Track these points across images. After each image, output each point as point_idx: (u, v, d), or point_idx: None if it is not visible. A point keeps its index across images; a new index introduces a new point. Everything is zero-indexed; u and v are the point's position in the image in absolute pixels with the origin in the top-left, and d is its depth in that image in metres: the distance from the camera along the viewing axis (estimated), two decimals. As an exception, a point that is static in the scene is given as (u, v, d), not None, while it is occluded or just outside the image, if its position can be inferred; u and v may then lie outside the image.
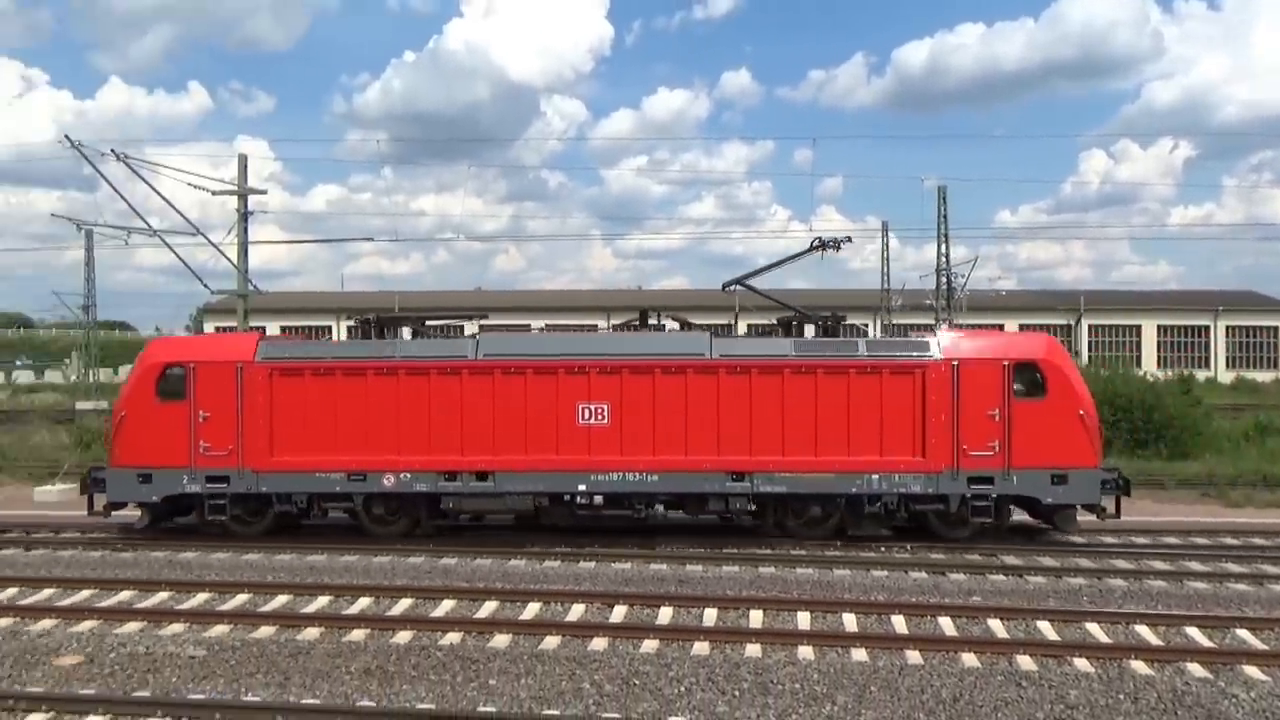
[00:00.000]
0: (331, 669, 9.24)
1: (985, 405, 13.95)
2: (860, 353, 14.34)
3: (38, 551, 14.69)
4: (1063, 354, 14.47)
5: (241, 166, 23.52)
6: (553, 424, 14.34)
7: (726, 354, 14.47)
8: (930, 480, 14.07)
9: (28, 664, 9.48)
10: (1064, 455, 13.92)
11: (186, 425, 14.61)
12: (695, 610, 11.23)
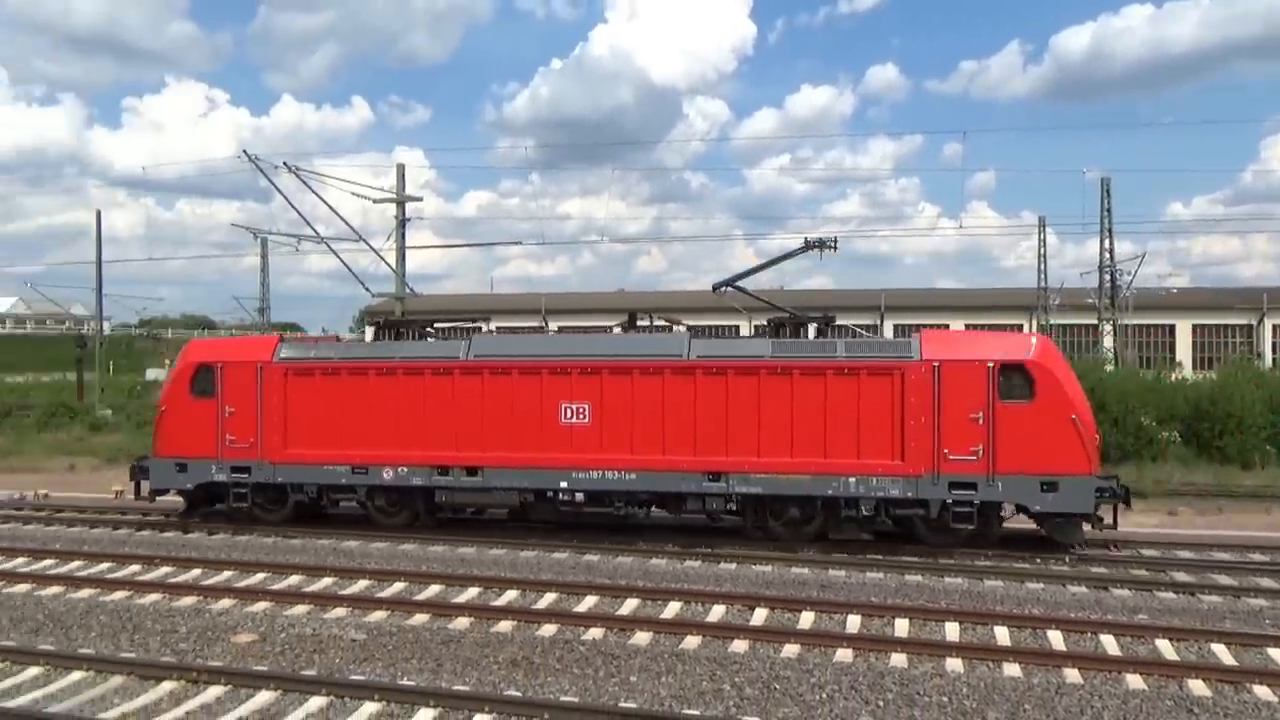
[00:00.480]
0: (480, 658, 9.59)
1: (968, 408, 13.44)
2: (838, 354, 14.12)
3: (219, 536, 15.88)
4: (1054, 356, 13.83)
5: (400, 175, 24.72)
6: (537, 422, 14.72)
7: (704, 355, 14.55)
8: (910, 484, 13.64)
9: (209, 640, 10.28)
10: (1054, 461, 13.26)
11: (215, 420, 15.82)
12: (838, 616, 11.02)
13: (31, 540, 15.61)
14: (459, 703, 8.16)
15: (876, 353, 14.15)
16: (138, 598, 11.95)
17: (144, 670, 9.08)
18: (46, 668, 9.26)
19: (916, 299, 61.46)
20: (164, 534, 16.05)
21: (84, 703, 8.38)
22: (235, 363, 16.01)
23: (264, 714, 8.17)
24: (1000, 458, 13.37)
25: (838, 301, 63.73)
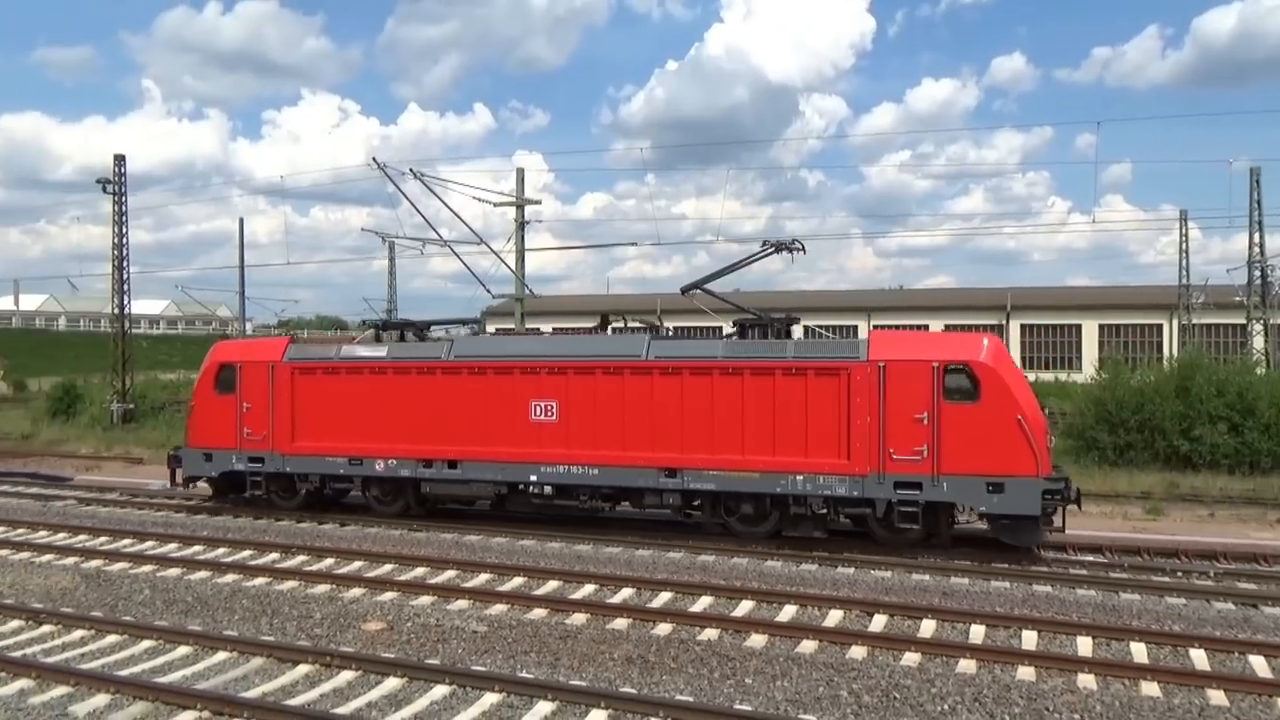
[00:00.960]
0: (596, 654, 9.72)
1: (912, 408, 13.44)
2: (786, 354, 14.36)
3: (350, 528, 16.60)
4: (1000, 356, 13.69)
5: (519, 179, 25.29)
6: (510, 419, 15.52)
7: (661, 355, 15.02)
8: (855, 483, 13.76)
9: (341, 626, 10.77)
10: (1000, 462, 13.11)
11: (235, 414, 17.33)
12: (961, 625, 10.69)
13: (182, 528, 16.69)
14: (576, 698, 8.30)
15: (823, 353, 14.44)
16: (276, 584, 12.63)
17: (282, 653, 9.58)
18: (195, 647, 9.89)
19: (1045, 298, 58.95)
20: (300, 524, 16.89)
21: (227, 681, 8.91)
22: (251, 362, 17.48)
23: (391, 700, 8.50)
24: (945, 458, 13.33)
25: (960, 300, 61.87)
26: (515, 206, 25.19)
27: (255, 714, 7.99)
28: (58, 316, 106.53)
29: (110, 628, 10.53)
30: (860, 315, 62.03)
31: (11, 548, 15.01)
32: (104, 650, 9.93)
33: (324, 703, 8.38)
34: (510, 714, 8.15)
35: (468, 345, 16.77)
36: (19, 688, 8.73)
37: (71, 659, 9.57)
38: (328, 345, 18.45)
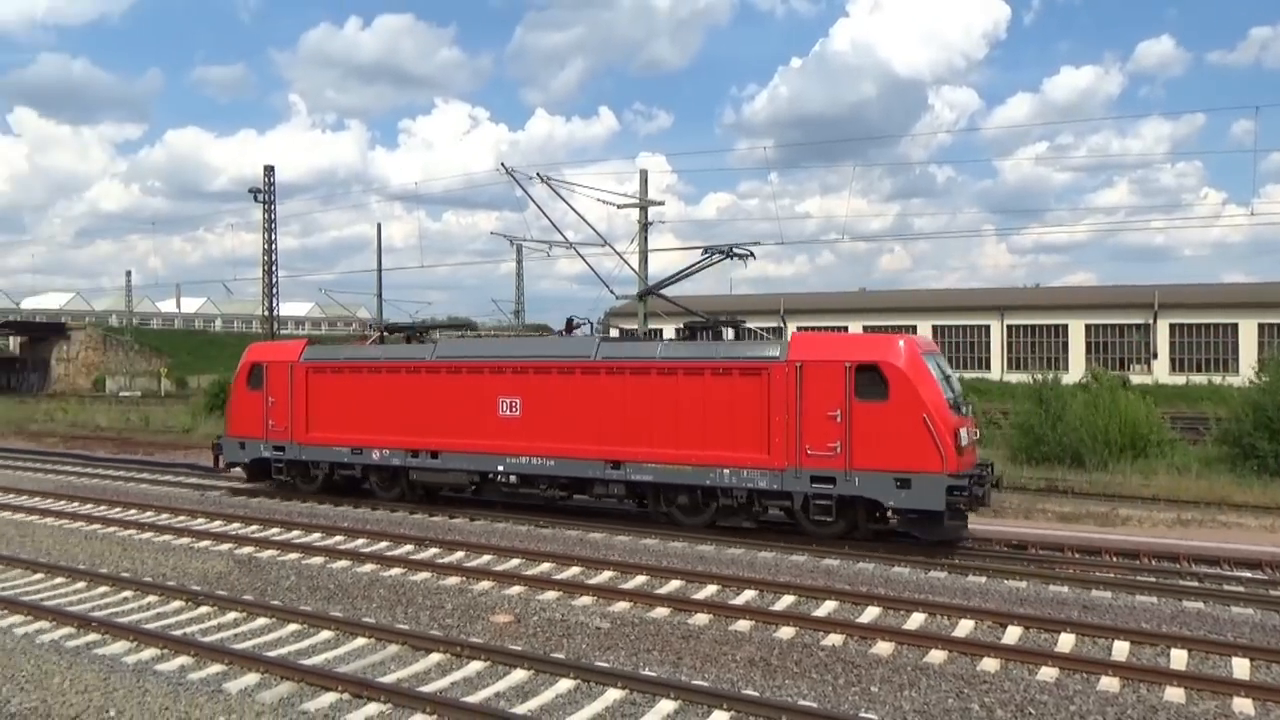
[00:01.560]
0: (719, 654, 9.72)
1: (826, 406, 14.07)
2: (715, 354, 15.34)
3: (479, 523, 17.12)
4: (910, 357, 13.92)
5: (642, 181, 25.49)
6: (481, 414, 17.01)
7: (608, 356, 16.21)
8: (775, 477, 14.52)
9: (470, 617, 11.12)
10: (907, 459, 13.58)
11: (262, 407, 19.51)
12: (1102, 641, 10.17)
13: (325, 519, 17.57)
14: (698, 698, 8.31)
15: (747, 354, 15.18)
16: (410, 575, 13.14)
17: (415, 641, 9.97)
18: (336, 632, 10.41)
19: (1197, 295, 55.34)
20: (433, 518, 17.52)
21: (365, 666, 9.33)
22: (275, 362, 19.67)
23: (518, 691, 8.72)
24: (856, 454, 13.88)
25: (1102, 299, 58.77)
26: (638, 208, 25.41)
27: (391, 699, 8.35)
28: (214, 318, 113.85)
29: (260, 611, 11.20)
30: (993, 314, 59.77)
31: (173, 533, 16.16)
32: (254, 632, 10.57)
33: (454, 691, 8.67)
34: (633, 711, 8.23)
35: (447, 347, 18.52)
36: (179, 664, 9.39)
37: (225, 639, 10.22)
38: (336, 347, 21.33)
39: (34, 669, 9.23)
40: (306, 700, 8.42)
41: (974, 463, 14.51)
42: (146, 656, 9.63)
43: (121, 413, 43.94)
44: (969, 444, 14.20)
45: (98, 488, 21.74)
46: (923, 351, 14.36)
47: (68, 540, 15.78)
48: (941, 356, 15.57)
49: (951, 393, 14.41)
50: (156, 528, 16.61)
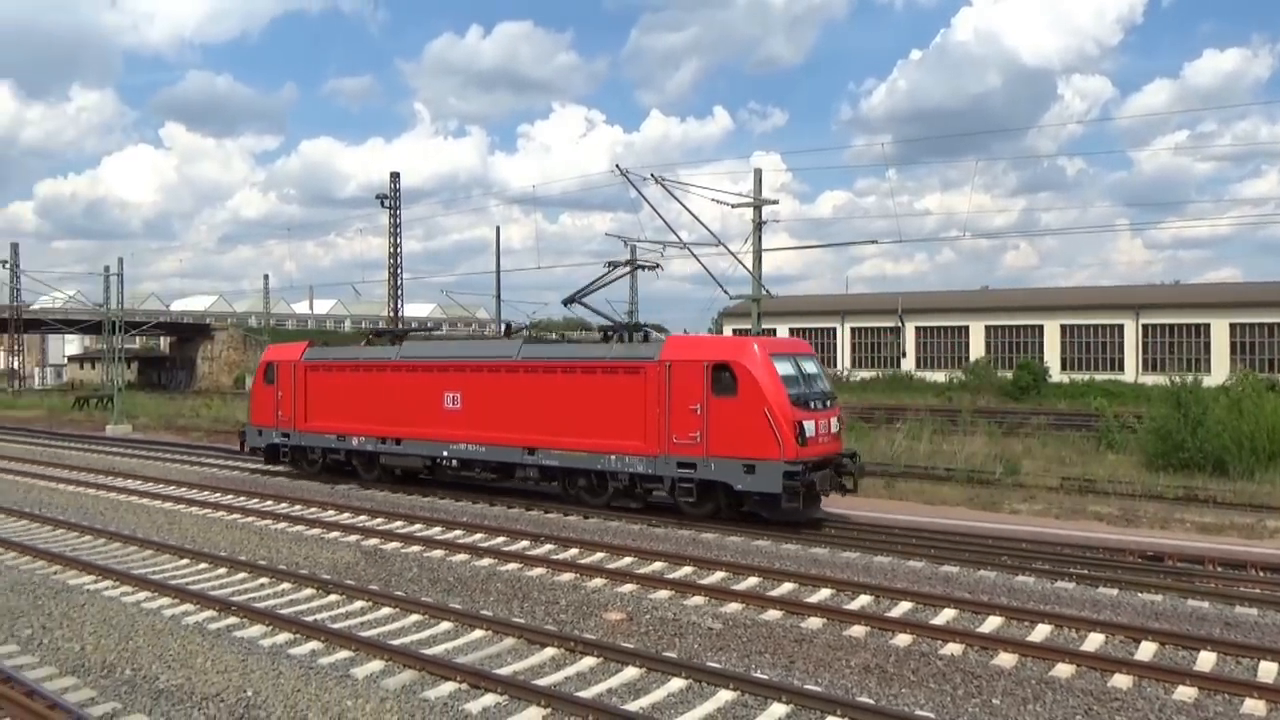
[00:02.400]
0: (832, 659, 9.57)
1: (689, 400, 15.94)
2: (606, 355, 17.42)
3: (593, 520, 17.35)
4: (756, 357, 15.56)
5: (756, 180, 25.29)
6: (431, 407, 19.62)
7: (527, 356, 18.54)
8: (650, 463, 16.53)
9: (584, 614, 11.28)
10: (753, 448, 15.28)
11: (274, 400, 22.75)
12: (1247, 661, 9.54)
13: (445, 513, 18.14)
14: (811, 703, 8.21)
15: (629, 354, 17.14)
16: (526, 570, 13.43)
17: (531, 635, 10.19)
18: (455, 624, 10.74)
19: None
20: (548, 515, 17.86)
21: (483, 658, 9.59)
22: (283, 361, 22.88)
23: (630, 688, 8.81)
24: (713, 443, 15.72)
25: (1249, 296, 55.11)
26: (752, 207, 25.22)
27: (507, 690, 8.56)
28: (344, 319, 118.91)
29: (384, 601, 11.66)
30: (1127, 313, 56.82)
31: (306, 524, 16.99)
32: (379, 620, 11.00)
33: (567, 686, 8.82)
34: (744, 713, 8.20)
35: (409, 348, 21.39)
36: (310, 649, 9.87)
37: (352, 627, 10.67)
38: (328, 348, 23.98)
39: (180, 649, 9.87)
40: (428, 689, 8.72)
41: (825, 452, 15.90)
42: (281, 640, 10.15)
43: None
44: (817, 435, 15.63)
45: (237, 479, 23.04)
46: (774, 353, 16.10)
47: (210, 529, 16.78)
48: (808, 357, 17.37)
49: (805, 389, 15.99)
50: (290, 518, 17.49)
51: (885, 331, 65.24)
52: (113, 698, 8.57)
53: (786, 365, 16.06)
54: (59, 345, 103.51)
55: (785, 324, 67.88)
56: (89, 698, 8.51)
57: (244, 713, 8.24)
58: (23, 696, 8.18)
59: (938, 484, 20.97)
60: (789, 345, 18.73)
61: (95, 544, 15.51)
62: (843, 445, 17.09)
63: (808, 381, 16.34)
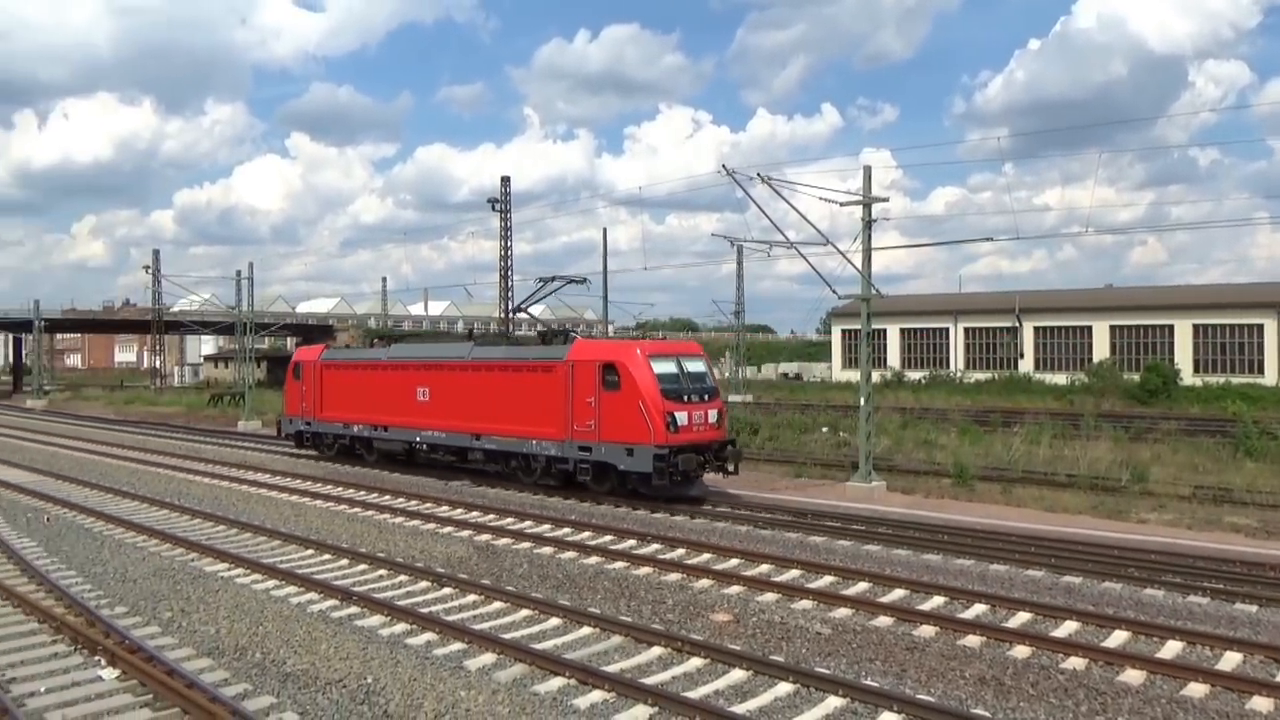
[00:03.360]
0: (946, 669, 9.32)
1: (586, 395, 18.81)
2: (530, 356, 20.76)
3: (699, 521, 17.35)
4: (636, 358, 18.36)
5: (866, 177, 24.78)
6: (408, 400, 23.45)
7: (476, 356, 22.20)
8: (560, 447, 19.53)
9: (690, 614, 11.29)
10: (631, 434, 18.06)
11: (300, 394, 27.14)
12: (1407, 688, 8.83)
13: (554, 511, 18.44)
14: (924, 713, 8.02)
15: (546, 355, 20.31)
16: (633, 569, 13.54)
17: (638, 634, 10.27)
18: (564, 620, 10.92)
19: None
20: (654, 514, 17.95)
21: (590, 655, 9.72)
22: (307, 361, 27.37)
23: (737, 690, 8.78)
24: (604, 430, 18.62)
25: None
26: (862, 205, 24.74)
27: (615, 688, 8.65)
28: (456, 320, 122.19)
29: (496, 595, 11.94)
30: (1267, 312, 53.35)
31: (421, 519, 17.55)
32: (491, 614, 11.28)
33: (674, 685, 8.85)
34: (853, 720, 8.07)
35: (395, 350, 25.41)
36: (426, 639, 10.20)
37: (465, 619, 10.97)
38: (341, 350, 28.67)
39: (305, 635, 10.34)
40: (538, 682, 8.89)
41: (698, 439, 18.32)
42: (398, 630, 10.52)
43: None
44: (689, 424, 18.24)
45: (358, 474, 23.96)
46: (655, 354, 18.85)
47: (333, 521, 17.52)
48: (695, 358, 19.73)
49: (682, 386, 18.61)
50: (406, 513, 18.09)
51: (1001, 332, 63.00)
52: (244, 679, 9.05)
53: (668, 365, 18.76)
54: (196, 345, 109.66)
55: (896, 324, 66.42)
56: (223, 679, 9.01)
57: (364, 699, 8.58)
58: (164, 675, 8.72)
59: (1058, 490, 20.14)
60: (674, 347, 20.37)
61: (229, 533, 16.40)
62: (724, 434, 19.39)
63: (689, 379, 18.90)
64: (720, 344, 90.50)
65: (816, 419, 33.13)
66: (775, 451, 27.21)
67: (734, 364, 60.54)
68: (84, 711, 8.19)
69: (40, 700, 8.41)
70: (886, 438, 27.57)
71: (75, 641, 9.99)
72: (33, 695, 8.53)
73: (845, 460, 24.15)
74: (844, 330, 69.47)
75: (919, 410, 38.72)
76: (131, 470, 25.55)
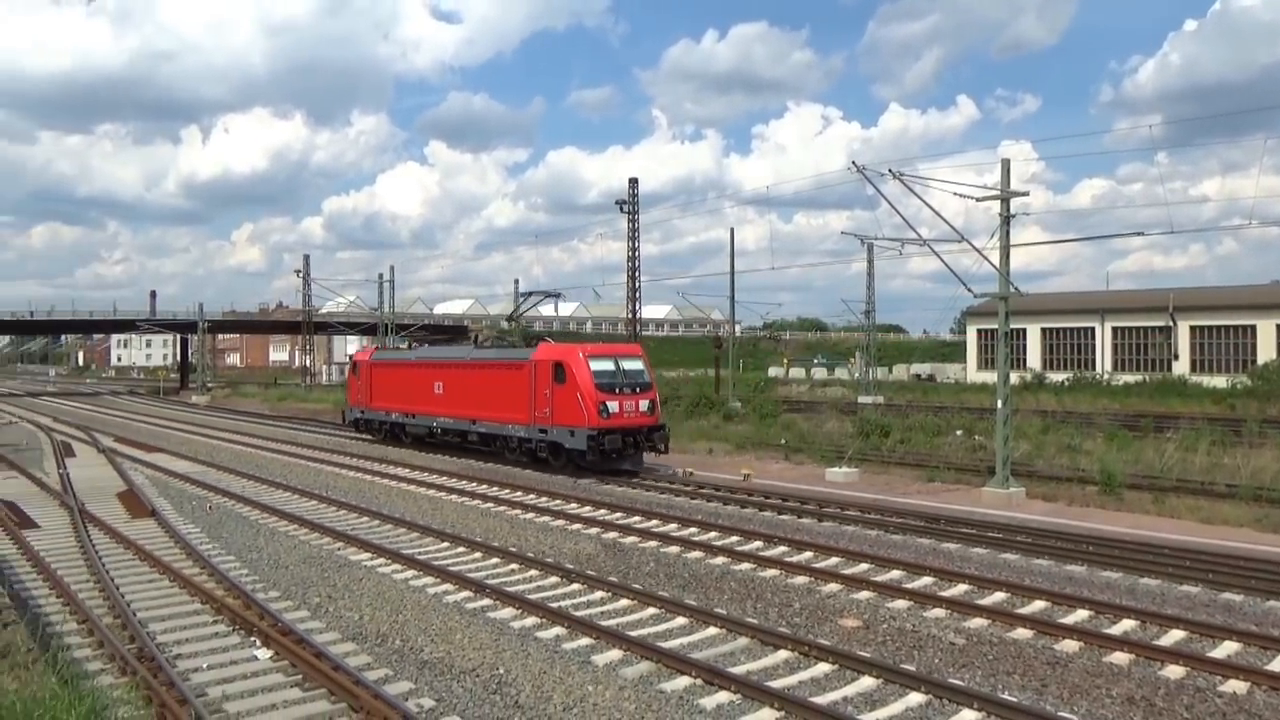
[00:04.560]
0: (1090, 687, 8.87)
1: (544, 388, 23.66)
2: (506, 357, 26.08)
3: (827, 524, 17.09)
4: (578, 358, 23.18)
5: (1004, 171, 23.81)
6: (429, 393, 28.94)
7: (473, 357, 27.96)
8: (526, 429, 24.52)
9: (818, 618, 11.14)
10: (574, 419, 22.85)
11: (357, 388, 33.51)
12: None
13: (680, 510, 18.53)
14: (1065, 730, 7.66)
15: (518, 356, 25.33)
16: (760, 571, 13.45)
17: (764, 636, 10.21)
18: (690, 619, 10.96)
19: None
20: (781, 516, 17.78)
21: (716, 655, 9.72)
22: (362, 361, 33.90)
23: (866, 699, 8.60)
24: (555, 416, 23.31)
25: None
26: (999, 200, 23.80)
27: (741, 689, 8.62)
28: (585, 320, 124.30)
29: (623, 593, 12.09)
30: None
31: (551, 515, 17.94)
32: (617, 611, 11.43)
33: (801, 690, 8.75)
34: (989, 734, 7.78)
35: (420, 352, 33.45)
36: (555, 633, 10.43)
37: (593, 615, 11.16)
38: (384, 351, 35.90)
39: (441, 624, 10.75)
40: (664, 681, 8.96)
41: (629, 424, 22.82)
42: (529, 623, 10.80)
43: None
44: (620, 412, 22.70)
45: (492, 471, 24.71)
46: (594, 354, 23.60)
47: (468, 516, 18.13)
48: (633, 358, 24.30)
49: (617, 380, 23.07)
50: (537, 509, 18.54)
51: (1153, 331, 59.35)
52: (384, 665, 9.48)
53: (605, 363, 23.39)
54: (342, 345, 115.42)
55: (1037, 323, 63.59)
56: (365, 663, 9.46)
57: (496, 689, 8.85)
58: (312, 657, 9.23)
59: (1217, 501, 18.82)
60: (613, 349, 25.18)
61: (371, 524, 17.20)
62: (655, 419, 23.71)
63: (624, 375, 23.42)
64: (849, 344, 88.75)
65: (950, 421, 32.05)
66: (907, 455, 26.49)
67: (864, 365, 59.22)
68: (241, 688, 8.76)
69: (202, 676, 9.04)
70: (1026, 442, 26.40)
71: (233, 622, 10.70)
72: (196, 671, 9.18)
73: (980, 465, 23.29)
74: (980, 330, 66.96)
75: (1061, 414, 36.95)
76: (284, 463, 27.14)
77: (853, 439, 28.72)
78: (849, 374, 74.06)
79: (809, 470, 24.68)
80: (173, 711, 7.82)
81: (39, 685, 7.47)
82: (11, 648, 9.12)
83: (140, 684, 8.44)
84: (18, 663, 8.55)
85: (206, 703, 8.23)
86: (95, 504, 18.74)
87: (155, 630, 10.37)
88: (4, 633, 9.81)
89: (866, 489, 20.92)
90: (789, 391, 57.58)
